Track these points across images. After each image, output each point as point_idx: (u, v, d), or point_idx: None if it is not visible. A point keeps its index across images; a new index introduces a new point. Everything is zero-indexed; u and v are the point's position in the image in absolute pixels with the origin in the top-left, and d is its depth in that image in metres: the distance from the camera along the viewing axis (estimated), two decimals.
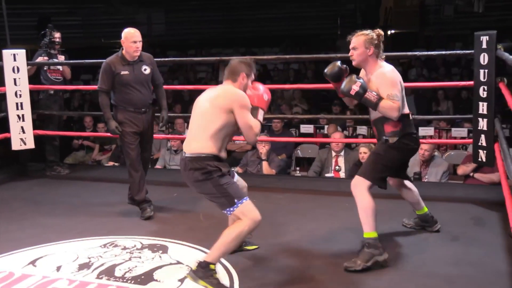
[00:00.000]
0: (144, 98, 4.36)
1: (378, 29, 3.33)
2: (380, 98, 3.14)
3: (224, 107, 2.98)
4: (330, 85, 3.60)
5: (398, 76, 3.25)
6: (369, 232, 3.20)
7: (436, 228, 3.73)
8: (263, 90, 3.17)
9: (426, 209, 3.70)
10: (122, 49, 4.31)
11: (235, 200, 2.97)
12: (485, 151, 4.32)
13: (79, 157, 7.59)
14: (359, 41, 3.27)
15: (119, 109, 4.33)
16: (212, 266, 2.92)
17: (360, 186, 3.25)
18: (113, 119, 4.33)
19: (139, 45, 4.28)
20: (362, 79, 3.22)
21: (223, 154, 3.06)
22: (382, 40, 3.29)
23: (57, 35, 5.74)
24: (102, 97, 4.35)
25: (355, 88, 3.14)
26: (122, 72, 4.26)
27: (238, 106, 2.98)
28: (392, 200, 4.28)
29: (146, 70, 4.37)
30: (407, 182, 3.62)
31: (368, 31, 3.30)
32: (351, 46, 3.31)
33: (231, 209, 2.98)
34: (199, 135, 3.02)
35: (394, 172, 3.42)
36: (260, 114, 3.12)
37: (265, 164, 6.10)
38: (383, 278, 3.09)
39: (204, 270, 2.91)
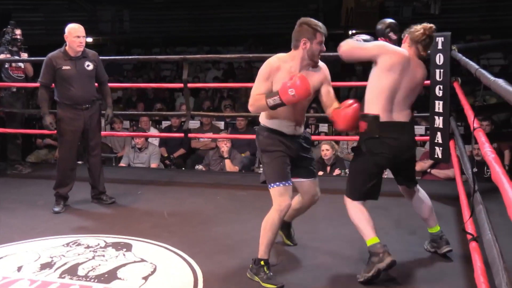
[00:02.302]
0: (86, 94, 4.37)
1: None
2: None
3: None
4: None
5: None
6: (366, 240, 3.05)
7: (444, 250, 3.29)
8: (294, 85, 2.76)
9: (438, 228, 3.34)
10: (66, 44, 4.31)
11: (267, 181, 3.01)
12: (441, 148, 4.45)
13: (41, 155, 7.47)
14: None
15: (61, 106, 4.36)
16: (262, 262, 2.98)
17: (346, 202, 3.16)
18: (49, 115, 4.40)
19: (83, 40, 4.30)
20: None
21: (275, 126, 3.09)
22: None
23: (19, 32, 5.65)
24: (41, 91, 4.41)
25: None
26: (64, 67, 4.28)
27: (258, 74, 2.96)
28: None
29: (89, 66, 4.38)
30: (418, 192, 3.36)
31: None
32: None
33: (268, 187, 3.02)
34: None
35: (373, 183, 3.11)
36: (273, 100, 2.83)
37: (227, 162, 6.17)
38: (345, 271, 3.20)
39: (257, 267, 3.00)
